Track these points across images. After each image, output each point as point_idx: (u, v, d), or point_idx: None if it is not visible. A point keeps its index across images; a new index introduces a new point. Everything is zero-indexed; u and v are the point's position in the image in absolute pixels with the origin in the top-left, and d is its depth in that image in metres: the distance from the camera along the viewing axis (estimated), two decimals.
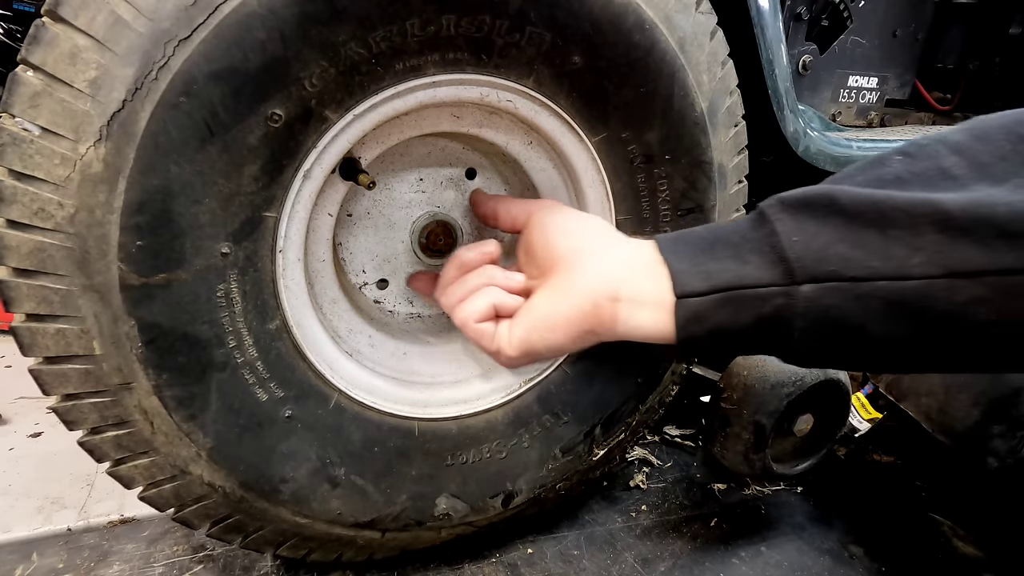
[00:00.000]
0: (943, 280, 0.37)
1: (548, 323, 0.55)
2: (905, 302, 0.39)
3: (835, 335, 0.42)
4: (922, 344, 0.41)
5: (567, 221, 0.60)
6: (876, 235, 0.40)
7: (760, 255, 0.45)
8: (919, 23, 1.34)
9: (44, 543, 0.84)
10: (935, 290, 0.38)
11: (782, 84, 0.87)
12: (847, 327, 0.42)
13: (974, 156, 0.39)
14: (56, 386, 0.52)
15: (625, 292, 0.52)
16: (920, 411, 0.94)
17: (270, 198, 0.54)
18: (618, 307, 0.52)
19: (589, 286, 0.53)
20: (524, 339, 0.57)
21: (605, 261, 0.54)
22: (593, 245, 0.57)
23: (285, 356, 0.60)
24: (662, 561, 0.86)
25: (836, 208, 0.41)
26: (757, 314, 0.44)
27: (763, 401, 0.85)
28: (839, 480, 1.06)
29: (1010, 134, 0.38)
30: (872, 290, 0.40)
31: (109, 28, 0.45)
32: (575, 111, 0.62)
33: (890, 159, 0.43)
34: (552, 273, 0.58)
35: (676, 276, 0.48)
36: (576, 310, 0.54)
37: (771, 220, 0.45)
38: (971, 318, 0.37)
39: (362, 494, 0.68)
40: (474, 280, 0.62)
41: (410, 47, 0.52)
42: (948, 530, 0.96)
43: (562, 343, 0.56)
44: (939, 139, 0.42)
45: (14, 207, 0.46)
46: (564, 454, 0.78)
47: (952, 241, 0.37)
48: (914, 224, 0.38)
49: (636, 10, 0.57)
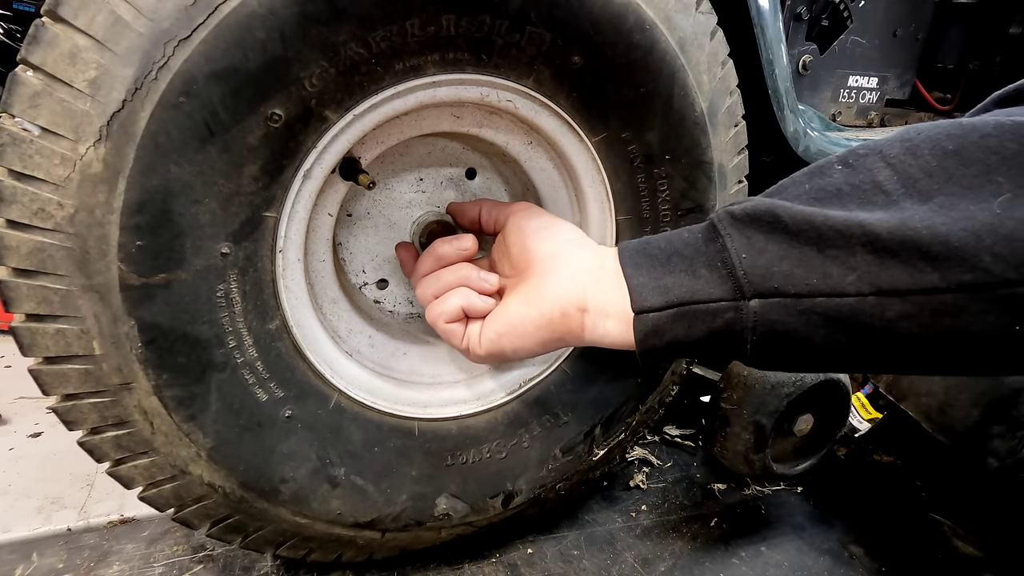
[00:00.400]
0: (873, 298, 0.40)
1: (518, 329, 0.59)
2: (842, 317, 0.42)
3: (784, 345, 0.45)
4: (860, 353, 0.44)
5: (541, 225, 0.63)
6: (815, 253, 0.42)
7: (711, 270, 0.48)
8: (919, 23, 1.34)
9: (44, 543, 0.83)
10: (866, 307, 0.41)
11: (782, 84, 0.87)
12: (793, 338, 0.45)
13: (904, 170, 0.41)
14: (56, 386, 0.52)
15: (591, 302, 0.55)
16: (920, 411, 0.94)
17: (270, 198, 0.54)
18: (585, 317, 0.56)
19: (558, 295, 0.57)
20: (494, 341, 0.60)
21: (574, 269, 0.57)
22: (564, 251, 0.59)
23: (285, 356, 0.60)
24: (662, 561, 0.86)
25: (779, 226, 0.44)
26: (710, 328, 0.48)
27: (763, 401, 0.85)
28: (839, 480, 1.06)
29: (935, 149, 0.40)
30: (812, 306, 0.43)
31: (109, 28, 0.45)
32: (575, 111, 0.62)
33: (831, 168, 0.45)
34: (525, 276, 0.61)
35: (634, 291, 0.52)
36: (545, 319, 0.57)
37: (722, 235, 0.47)
38: (901, 332, 0.41)
39: (362, 494, 0.68)
40: (448, 277, 0.64)
41: (410, 47, 0.52)
42: (948, 530, 0.96)
43: (530, 348, 0.60)
44: (876, 150, 0.43)
45: (14, 207, 0.46)
46: (564, 454, 0.78)
47: (881, 261, 0.40)
48: (848, 244, 0.41)
49: (636, 10, 0.57)
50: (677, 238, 0.52)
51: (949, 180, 0.39)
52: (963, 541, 0.94)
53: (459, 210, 0.72)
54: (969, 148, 0.39)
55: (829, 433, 0.95)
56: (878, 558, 0.89)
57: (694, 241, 0.50)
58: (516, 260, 0.62)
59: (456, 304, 0.62)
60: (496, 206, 0.68)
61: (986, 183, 0.37)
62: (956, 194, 0.38)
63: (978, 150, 0.38)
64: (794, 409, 0.88)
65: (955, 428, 0.90)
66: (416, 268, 0.68)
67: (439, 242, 0.66)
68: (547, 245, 0.60)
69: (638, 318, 0.51)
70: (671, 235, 0.53)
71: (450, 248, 0.65)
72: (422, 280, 0.66)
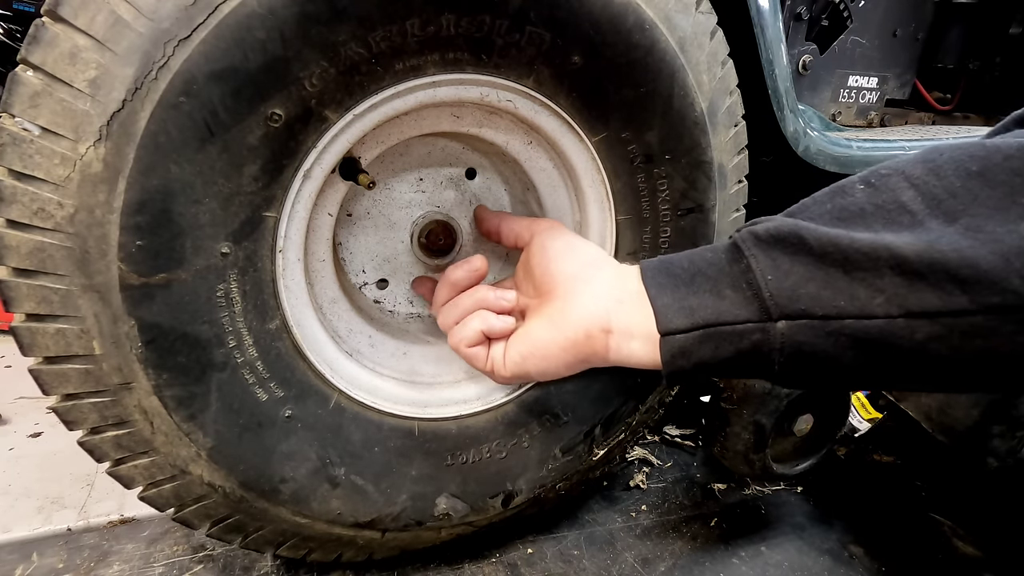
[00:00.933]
0: (903, 320, 0.40)
1: (543, 352, 0.59)
2: (870, 338, 0.42)
3: (812, 365, 0.46)
4: (889, 373, 0.44)
5: (564, 247, 0.63)
6: (841, 275, 0.42)
7: (736, 291, 0.48)
8: (919, 23, 1.34)
9: (44, 543, 0.84)
10: (896, 329, 0.41)
11: (782, 84, 0.87)
12: (822, 359, 0.45)
13: (928, 191, 0.41)
14: (56, 386, 0.52)
15: (615, 324, 0.55)
16: (920, 411, 0.94)
17: (270, 198, 0.54)
18: (610, 338, 0.55)
19: (582, 317, 0.56)
20: (519, 364, 0.60)
21: (597, 291, 0.57)
22: (587, 273, 0.59)
23: (285, 356, 0.60)
24: (662, 561, 0.86)
25: (804, 247, 0.44)
26: (737, 349, 0.48)
27: (763, 401, 0.85)
28: (839, 480, 1.06)
29: (959, 169, 0.40)
30: (840, 328, 0.43)
31: (109, 28, 0.45)
32: (575, 111, 0.62)
33: (853, 188, 0.45)
34: (548, 298, 0.61)
35: (659, 312, 0.51)
36: (570, 341, 0.57)
37: (746, 256, 0.47)
38: (930, 353, 0.41)
39: (362, 494, 0.68)
40: (465, 301, 0.64)
41: (410, 47, 0.52)
42: (948, 530, 0.96)
43: (555, 369, 0.60)
44: (898, 170, 0.43)
45: (14, 207, 0.46)
46: (564, 454, 0.78)
47: (909, 284, 0.40)
48: (875, 266, 0.41)
49: (636, 10, 0.57)
50: (700, 258, 0.52)
51: (974, 201, 0.39)
52: (963, 541, 0.94)
53: (481, 217, 0.73)
54: (993, 170, 0.39)
55: (829, 433, 0.95)
56: (878, 558, 0.89)
57: (717, 261, 0.50)
58: (539, 281, 0.62)
59: (476, 328, 0.61)
60: (518, 223, 0.68)
61: (1012, 205, 0.38)
62: (982, 215, 0.38)
63: (1002, 172, 0.39)
64: (794, 409, 0.88)
65: (955, 428, 0.90)
66: (435, 298, 0.68)
67: (451, 269, 0.66)
68: (570, 267, 0.60)
69: (664, 340, 0.51)
70: (693, 254, 0.53)
71: (462, 272, 0.65)
72: (442, 309, 0.66)
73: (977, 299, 0.38)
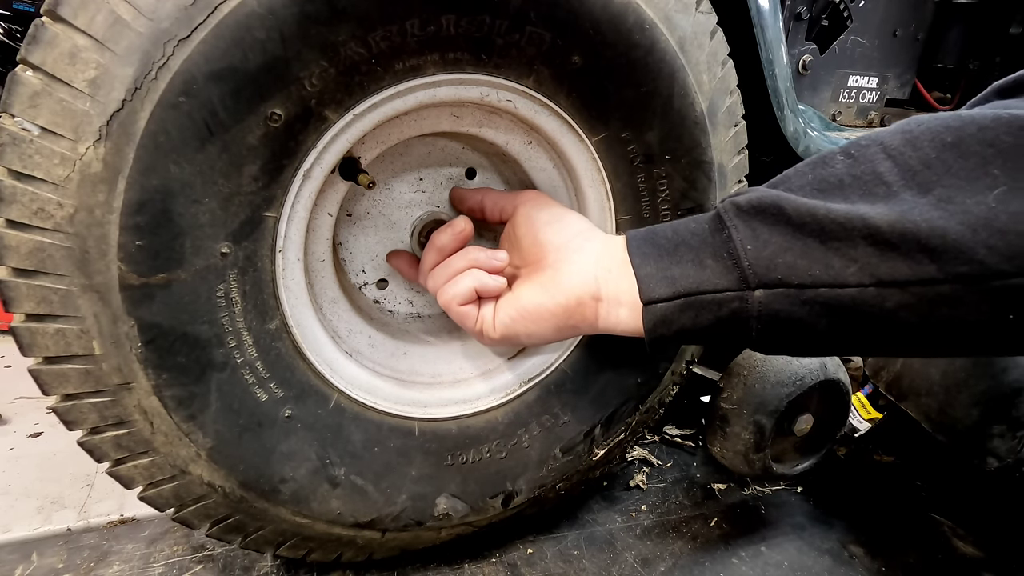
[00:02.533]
0: (874, 288, 0.42)
1: (533, 315, 0.61)
2: (843, 306, 0.43)
3: (788, 332, 0.47)
4: (861, 339, 0.46)
5: (551, 217, 0.64)
6: (817, 245, 0.44)
7: (717, 260, 0.49)
8: (919, 23, 1.34)
9: (44, 543, 0.83)
10: (867, 297, 0.42)
11: (782, 84, 0.87)
12: (797, 326, 0.46)
13: (905, 162, 0.42)
14: (56, 386, 0.52)
15: (604, 292, 0.57)
16: (920, 411, 0.94)
17: (270, 198, 0.54)
18: (599, 305, 0.58)
19: (574, 284, 0.58)
20: (508, 325, 0.62)
21: (588, 259, 0.59)
22: (576, 243, 0.61)
23: (285, 356, 0.60)
24: (662, 561, 0.86)
25: (783, 217, 0.45)
26: (716, 316, 0.49)
27: (763, 401, 0.85)
28: (839, 480, 1.06)
29: (934, 140, 0.41)
30: (815, 296, 0.44)
31: (109, 28, 0.45)
32: (575, 111, 0.62)
33: (834, 159, 0.46)
34: (538, 266, 0.62)
35: (642, 281, 0.53)
36: (561, 307, 0.59)
37: (727, 226, 0.49)
38: (900, 320, 0.42)
39: (362, 494, 0.68)
40: (457, 262, 0.65)
41: (410, 47, 0.52)
42: (948, 530, 0.96)
43: (544, 333, 0.62)
44: (877, 141, 0.44)
45: (14, 207, 0.46)
46: (564, 454, 0.78)
47: (881, 253, 0.41)
48: (849, 236, 0.42)
49: (636, 10, 0.57)
50: (684, 228, 0.53)
51: (947, 172, 0.40)
52: (963, 541, 0.94)
53: (460, 197, 0.73)
54: (967, 140, 0.40)
55: (829, 433, 0.95)
56: (878, 558, 0.89)
57: (700, 231, 0.51)
58: (527, 251, 0.64)
59: (468, 285, 0.62)
60: (502, 196, 0.69)
61: (983, 175, 0.38)
62: (954, 186, 0.39)
63: (975, 143, 0.39)
64: (794, 409, 0.88)
65: (955, 428, 0.90)
66: (422, 265, 0.69)
67: (436, 234, 0.66)
68: (559, 236, 0.62)
69: (647, 308, 0.52)
70: (677, 225, 0.54)
71: (447, 236, 0.66)
72: (431, 273, 0.66)
73: (945, 268, 0.39)
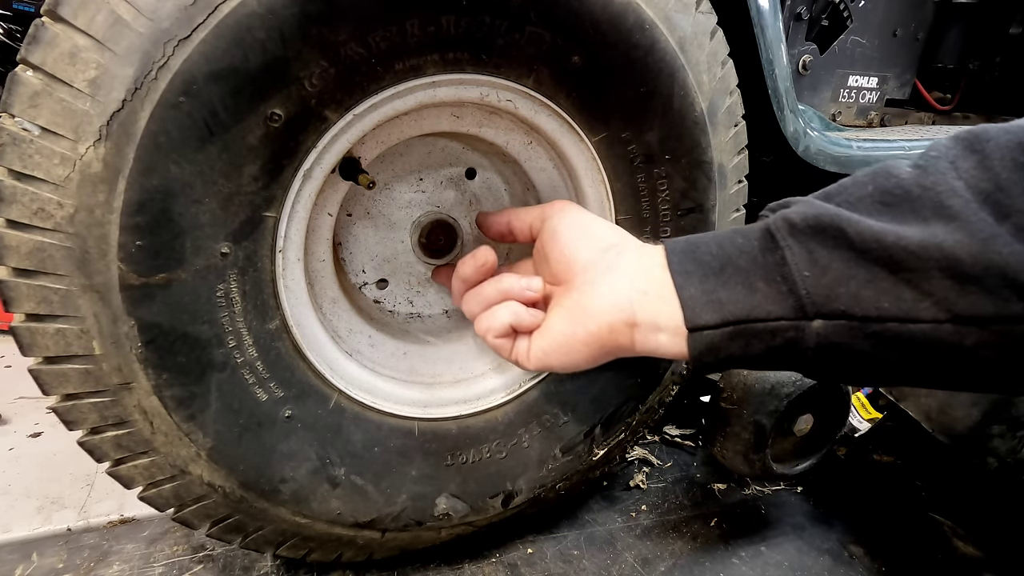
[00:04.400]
0: (950, 325, 0.38)
1: (564, 347, 0.57)
2: (915, 342, 0.40)
3: (849, 363, 0.43)
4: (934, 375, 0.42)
5: (579, 231, 0.60)
6: (886, 275, 0.40)
7: (769, 284, 0.45)
8: (919, 23, 1.34)
9: (44, 543, 0.83)
10: (943, 334, 0.39)
11: (782, 84, 0.87)
12: (860, 359, 0.43)
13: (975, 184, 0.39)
14: (56, 386, 0.52)
15: (640, 317, 0.52)
16: (920, 411, 0.94)
17: (270, 198, 0.54)
18: (635, 332, 0.53)
19: (604, 311, 0.54)
20: (541, 359, 0.59)
21: (619, 281, 0.54)
22: (605, 260, 0.56)
23: (285, 356, 0.60)
24: (662, 561, 0.86)
25: (845, 241, 0.41)
26: (769, 346, 0.45)
27: (763, 401, 0.85)
28: (839, 480, 1.06)
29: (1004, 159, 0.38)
30: (882, 330, 0.40)
31: (109, 28, 0.45)
32: (575, 111, 0.62)
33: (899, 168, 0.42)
34: (567, 287, 0.58)
35: (686, 305, 0.48)
36: (592, 336, 0.55)
37: (781, 246, 0.44)
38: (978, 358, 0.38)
39: (362, 494, 0.68)
40: (489, 291, 0.62)
41: (410, 47, 0.52)
42: (948, 530, 0.96)
43: (579, 363, 0.57)
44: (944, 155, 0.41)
45: (14, 207, 0.46)
46: (564, 454, 0.78)
47: (961, 287, 0.37)
48: (923, 267, 0.38)
49: (636, 10, 0.57)
50: (730, 244, 0.48)
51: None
52: (963, 541, 0.94)
53: (486, 224, 0.69)
54: None
55: (829, 433, 0.95)
56: (878, 558, 0.89)
57: (749, 249, 0.47)
58: (556, 268, 0.60)
59: (504, 321, 0.60)
60: (527, 213, 0.65)
61: None
62: None
63: None
64: (794, 409, 0.88)
65: (955, 428, 0.90)
66: (453, 292, 0.68)
67: (460, 264, 0.65)
68: (586, 253, 0.57)
69: (692, 336, 0.48)
70: (721, 239, 0.50)
71: (470, 268, 0.64)
72: (465, 297, 0.65)
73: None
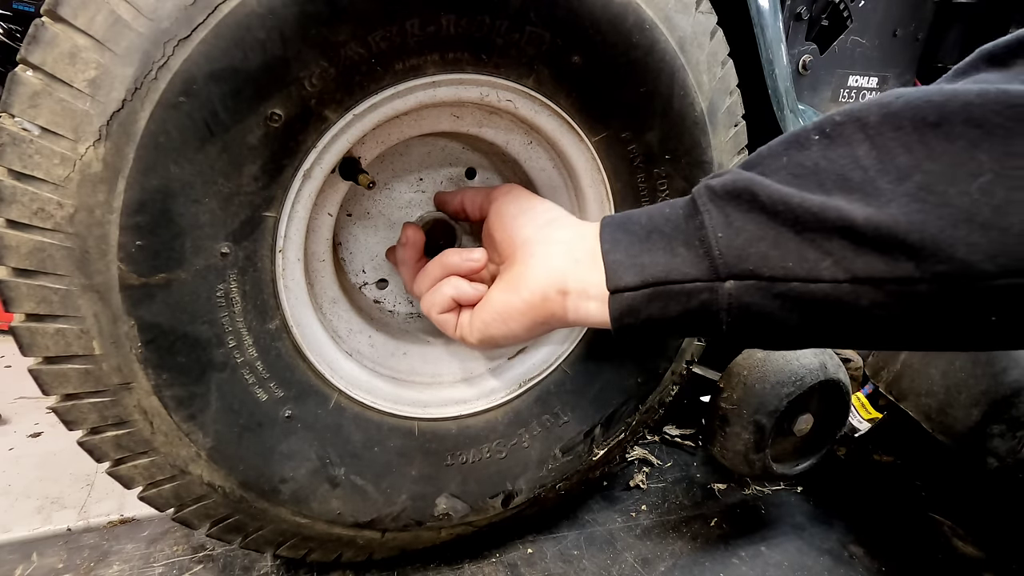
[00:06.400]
0: (848, 285, 0.40)
1: (503, 316, 0.59)
2: (816, 302, 0.42)
3: (759, 325, 0.45)
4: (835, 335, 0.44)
5: (520, 209, 0.63)
6: (792, 235, 0.41)
7: (688, 248, 0.47)
8: (919, 23, 1.34)
9: (44, 543, 0.83)
10: (841, 293, 0.40)
11: (782, 84, 0.87)
12: (768, 320, 0.44)
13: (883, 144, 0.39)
14: (56, 386, 0.52)
15: (572, 285, 0.54)
16: (920, 411, 0.94)
17: (270, 198, 0.54)
18: (567, 299, 0.55)
19: (538, 280, 0.56)
20: (482, 330, 0.61)
21: (554, 252, 0.57)
22: (543, 234, 0.59)
23: (285, 356, 0.60)
24: (662, 561, 0.86)
25: (757, 204, 0.43)
26: (685, 307, 0.47)
27: (763, 401, 0.85)
28: (839, 480, 1.06)
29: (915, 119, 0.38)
30: (787, 290, 0.42)
31: (109, 28, 0.45)
32: (575, 111, 0.62)
33: (809, 139, 0.43)
34: (509, 262, 0.61)
35: (610, 268, 0.51)
36: (527, 304, 0.57)
37: (700, 211, 0.46)
38: (875, 318, 0.40)
39: (362, 494, 0.68)
40: (433, 269, 0.65)
41: (410, 47, 0.52)
42: (948, 530, 0.96)
43: (517, 333, 0.60)
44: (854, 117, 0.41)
45: (14, 207, 0.46)
46: (564, 454, 0.78)
47: (857, 248, 0.39)
48: (824, 228, 0.40)
49: (636, 10, 0.57)
50: (658, 213, 0.51)
51: (929, 156, 0.37)
52: (963, 541, 0.94)
53: (442, 200, 0.73)
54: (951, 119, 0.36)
55: (829, 433, 0.95)
56: (878, 558, 0.89)
57: (675, 217, 0.49)
58: (500, 247, 0.63)
59: (446, 294, 0.63)
60: (478, 193, 0.68)
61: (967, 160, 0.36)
62: (935, 173, 0.37)
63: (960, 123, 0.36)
64: (794, 409, 0.88)
65: (955, 428, 0.90)
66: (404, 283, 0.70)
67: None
68: (526, 230, 0.60)
69: (613, 297, 0.50)
70: (652, 210, 0.52)
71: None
72: (416, 279, 0.67)
73: (923, 266, 0.37)
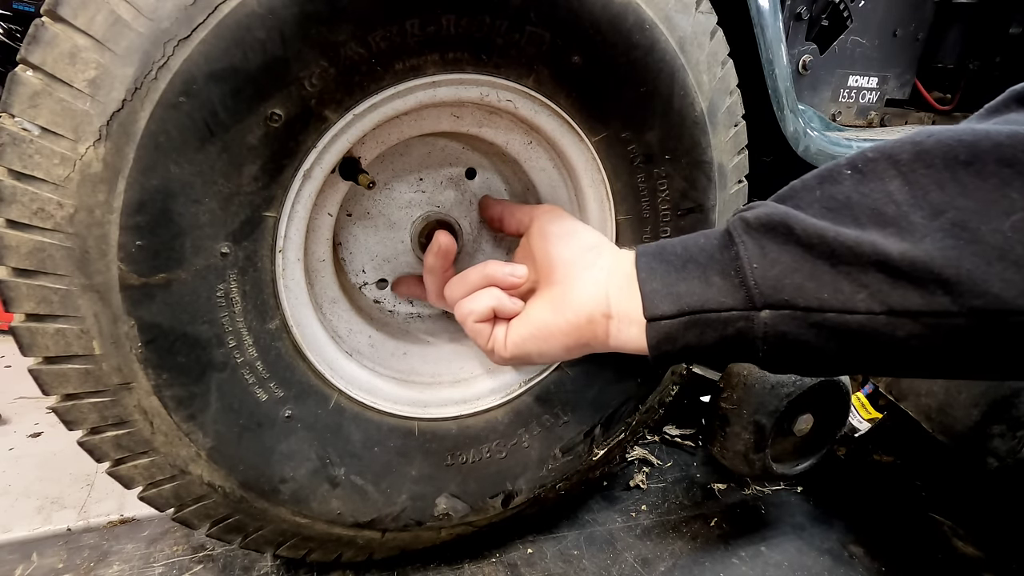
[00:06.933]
0: (884, 317, 0.41)
1: (544, 333, 0.59)
2: (851, 332, 0.43)
3: (795, 353, 0.47)
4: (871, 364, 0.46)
5: (564, 231, 0.63)
6: (827, 268, 0.43)
7: (724, 277, 0.48)
8: (919, 23, 1.34)
9: (44, 543, 0.83)
10: (877, 325, 0.41)
11: (782, 84, 0.87)
12: (803, 348, 0.45)
13: (916, 180, 0.41)
14: (56, 386, 0.52)
15: (616, 309, 0.56)
16: (920, 411, 0.94)
17: (270, 198, 0.54)
18: (610, 323, 0.56)
19: (584, 302, 0.57)
20: (519, 345, 0.61)
21: (598, 276, 0.58)
22: (586, 258, 0.60)
23: (285, 356, 0.60)
24: (662, 561, 0.86)
25: (792, 237, 0.44)
26: (721, 335, 0.49)
27: (763, 401, 0.85)
28: (839, 480, 1.06)
29: (947, 157, 0.39)
30: (822, 320, 0.43)
31: (109, 28, 0.45)
32: (575, 111, 0.62)
33: (841, 174, 0.45)
34: (548, 281, 0.61)
35: (647, 297, 0.52)
36: (570, 325, 0.58)
37: (736, 243, 0.48)
38: (911, 348, 0.41)
39: (362, 494, 0.68)
40: (473, 276, 0.64)
41: (410, 47, 0.52)
42: (948, 530, 0.96)
43: (555, 352, 0.60)
44: (887, 154, 0.43)
45: (14, 207, 0.46)
46: (564, 454, 0.78)
47: (892, 282, 0.40)
48: (859, 262, 0.41)
49: (636, 10, 0.57)
50: (693, 244, 0.52)
51: (961, 194, 0.38)
52: (963, 541, 0.94)
53: (485, 204, 0.75)
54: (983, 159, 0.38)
55: (829, 433, 0.95)
56: (878, 558, 0.89)
57: (709, 247, 0.50)
58: (540, 265, 0.63)
59: (486, 304, 0.62)
60: (519, 209, 0.69)
61: (1000, 199, 0.37)
62: (968, 210, 0.38)
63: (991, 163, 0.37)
64: (794, 409, 0.88)
65: (955, 428, 0.90)
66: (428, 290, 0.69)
67: (425, 258, 0.66)
68: (569, 252, 0.61)
69: (651, 325, 0.51)
70: (687, 240, 0.54)
71: (432, 257, 0.66)
72: (450, 283, 0.66)
73: (959, 301, 0.38)
